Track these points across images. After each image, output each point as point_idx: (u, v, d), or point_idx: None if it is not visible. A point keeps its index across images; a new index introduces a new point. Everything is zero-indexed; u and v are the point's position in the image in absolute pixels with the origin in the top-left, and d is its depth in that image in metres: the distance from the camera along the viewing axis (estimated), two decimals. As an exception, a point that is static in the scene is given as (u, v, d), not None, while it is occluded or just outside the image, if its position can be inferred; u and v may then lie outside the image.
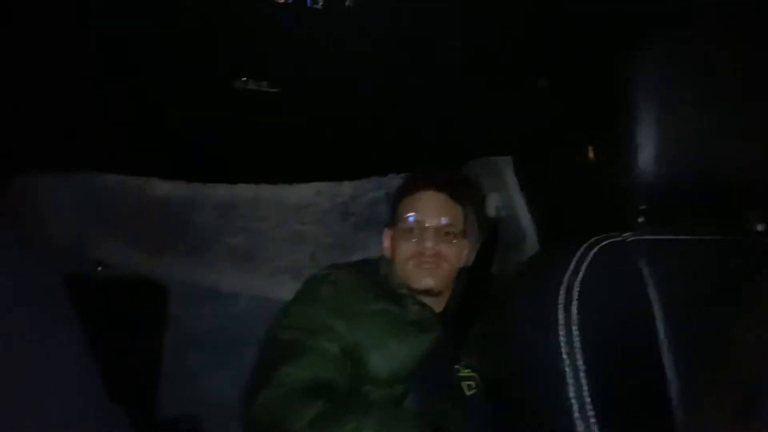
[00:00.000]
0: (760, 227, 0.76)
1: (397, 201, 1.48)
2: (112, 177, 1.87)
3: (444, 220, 1.40)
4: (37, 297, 0.51)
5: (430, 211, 1.40)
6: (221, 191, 1.95)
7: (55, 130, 1.58)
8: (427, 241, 1.38)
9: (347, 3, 1.02)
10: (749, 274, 0.69)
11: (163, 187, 1.91)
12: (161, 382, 1.80)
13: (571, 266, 0.65)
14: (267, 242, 1.95)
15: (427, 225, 1.39)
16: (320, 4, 1.04)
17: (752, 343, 0.65)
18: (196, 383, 1.84)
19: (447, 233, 1.40)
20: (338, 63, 1.24)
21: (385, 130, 1.65)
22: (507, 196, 1.80)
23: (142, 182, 1.90)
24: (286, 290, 1.67)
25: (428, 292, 1.40)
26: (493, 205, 1.80)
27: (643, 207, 0.74)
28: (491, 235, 1.68)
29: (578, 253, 0.66)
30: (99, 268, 1.83)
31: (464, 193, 1.48)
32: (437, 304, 1.43)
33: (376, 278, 1.44)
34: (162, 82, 1.35)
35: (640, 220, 0.74)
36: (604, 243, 0.67)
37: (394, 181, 1.95)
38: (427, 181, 1.44)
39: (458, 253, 1.42)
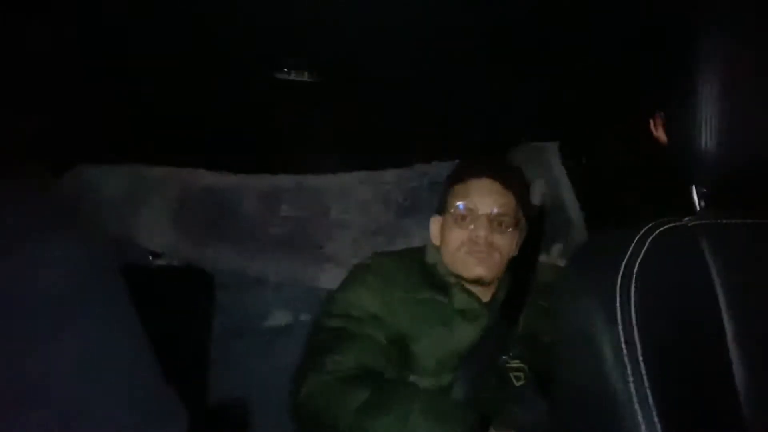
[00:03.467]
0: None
1: (448, 188, 1.46)
2: (160, 168, 1.91)
3: (497, 209, 1.37)
4: (96, 280, 0.52)
5: (483, 200, 1.38)
6: (265, 181, 1.97)
7: (106, 124, 1.62)
8: (480, 229, 1.35)
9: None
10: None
11: (209, 178, 1.94)
12: (210, 369, 1.84)
13: (630, 250, 0.62)
14: (310, 231, 1.97)
15: (480, 213, 1.37)
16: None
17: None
18: (243, 370, 1.87)
19: (500, 223, 1.37)
20: (379, 50, 1.24)
21: (428, 117, 1.63)
22: (553, 182, 1.77)
23: (189, 173, 1.94)
24: (329, 278, 1.68)
25: (478, 282, 1.39)
26: (538, 192, 1.77)
27: (704, 190, 0.70)
28: (537, 224, 1.64)
29: (637, 237, 0.63)
30: (150, 258, 1.87)
31: (516, 181, 1.45)
32: (484, 294, 1.41)
33: (422, 266, 1.44)
34: (206, 75, 1.37)
35: (701, 203, 0.71)
36: (664, 227, 0.64)
37: (438, 168, 1.94)
38: (481, 168, 1.42)
39: (510, 243, 1.39)
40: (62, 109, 1.49)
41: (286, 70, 1.32)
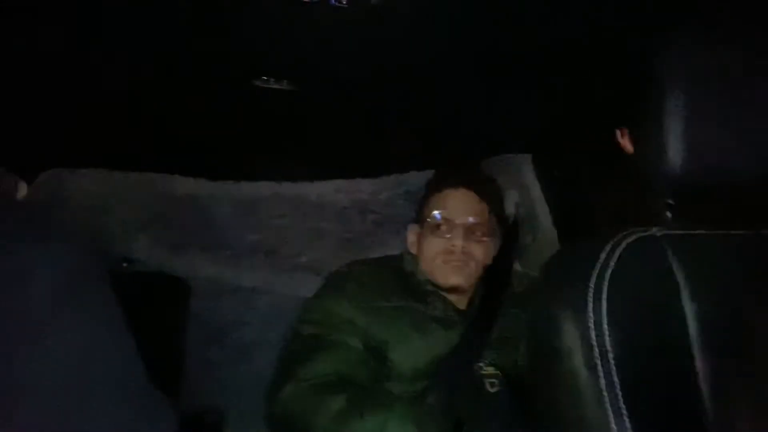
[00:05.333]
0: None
1: (424, 197, 1.49)
2: (135, 174, 1.89)
3: (473, 219, 1.40)
4: (86, 283, 0.52)
5: (459, 209, 1.41)
6: (243, 188, 1.96)
7: (81, 127, 1.60)
8: (456, 238, 1.38)
9: (372, 1, 1.03)
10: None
11: (186, 185, 1.93)
12: (184, 377, 1.82)
13: (601, 259, 0.65)
14: (287, 239, 1.97)
15: (456, 223, 1.39)
16: (344, 2, 1.05)
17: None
18: (218, 377, 1.86)
19: (475, 232, 1.40)
20: (359, 61, 1.25)
21: (405, 127, 1.65)
22: (526, 193, 1.80)
23: (165, 179, 1.92)
24: (306, 286, 1.68)
25: (454, 290, 1.41)
26: (512, 202, 1.80)
27: (671, 202, 0.74)
28: (512, 233, 1.68)
29: (608, 247, 0.66)
30: (124, 264, 1.85)
31: (491, 192, 1.48)
32: (460, 302, 1.44)
33: (398, 274, 1.45)
34: (183, 81, 1.36)
35: (668, 215, 0.74)
36: (633, 237, 0.67)
37: (414, 178, 1.96)
38: (457, 178, 1.45)
39: (486, 252, 1.42)
40: (37, 111, 1.48)
41: (265, 78, 1.33)
